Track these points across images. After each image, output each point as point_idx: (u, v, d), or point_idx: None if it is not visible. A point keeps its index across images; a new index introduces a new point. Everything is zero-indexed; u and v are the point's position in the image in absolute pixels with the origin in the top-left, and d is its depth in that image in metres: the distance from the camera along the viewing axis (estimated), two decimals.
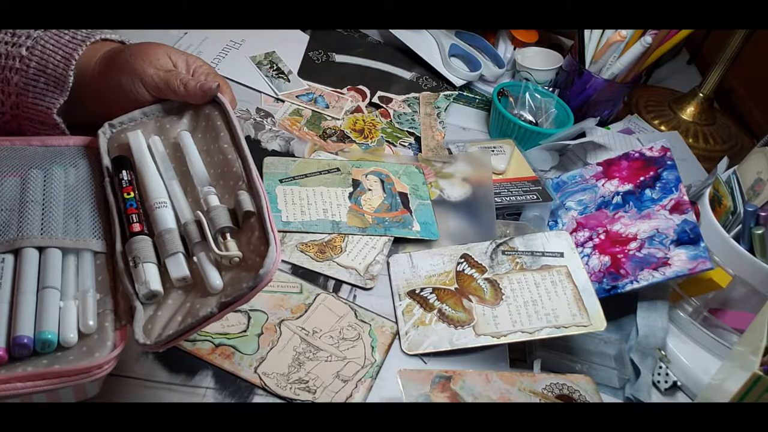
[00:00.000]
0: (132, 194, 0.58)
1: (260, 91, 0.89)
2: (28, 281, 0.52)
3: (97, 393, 0.53)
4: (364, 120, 0.90)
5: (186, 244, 0.55)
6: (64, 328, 0.50)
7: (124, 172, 0.60)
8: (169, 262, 0.54)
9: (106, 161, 0.61)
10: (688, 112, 1.05)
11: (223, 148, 0.61)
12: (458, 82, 1.00)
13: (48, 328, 0.50)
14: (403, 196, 0.79)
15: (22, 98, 0.65)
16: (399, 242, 0.74)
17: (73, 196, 0.60)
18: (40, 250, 0.55)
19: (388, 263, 0.72)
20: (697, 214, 0.74)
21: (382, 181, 0.80)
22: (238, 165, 0.59)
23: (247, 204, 0.56)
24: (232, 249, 0.54)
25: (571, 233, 0.76)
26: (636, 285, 0.70)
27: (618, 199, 0.78)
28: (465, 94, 1.01)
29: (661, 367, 0.68)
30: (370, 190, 0.78)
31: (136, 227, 0.56)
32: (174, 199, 0.59)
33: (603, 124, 0.99)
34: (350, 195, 0.77)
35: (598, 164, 0.83)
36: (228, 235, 0.55)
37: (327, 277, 0.69)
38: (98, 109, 0.66)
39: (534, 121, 0.94)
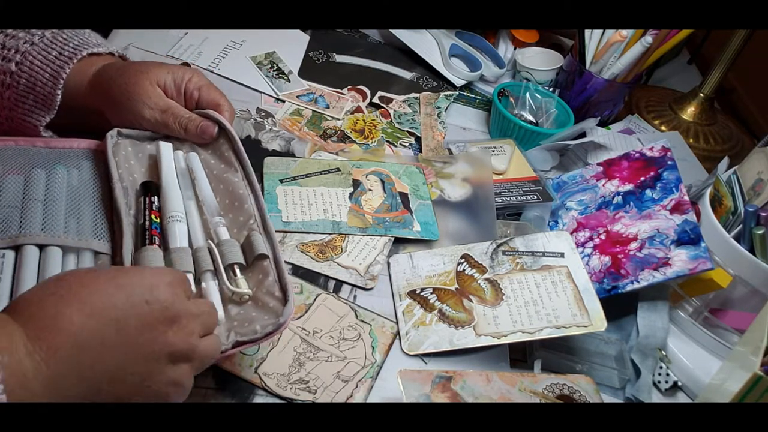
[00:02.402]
0: (158, 219, 0.60)
1: (260, 91, 0.89)
2: (28, 277, 0.53)
3: None
4: (364, 120, 0.90)
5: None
6: None
7: (155, 198, 0.62)
8: None
9: (113, 165, 0.62)
10: (689, 112, 1.05)
11: (234, 182, 0.64)
12: (458, 82, 1.00)
13: None
14: (404, 196, 0.79)
15: (13, 113, 0.65)
16: (399, 242, 0.74)
17: (76, 197, 0.60)
18: (40, 248, 0.55)
19: (388, 263, 0.72)
20: (698, 215, 0.74)
21: (383, 181, 0.80)
22: (251, 203, 0.62)
23: (261, 247, 0.59)
24: (242, 286, 0.57)
25: (571, 233, 0.76)
26: (636, 285, 0.70)
27: (618, 199, 0.78)
28: (465, 94, 1.01)
29: (661, 368, 0.68)
30: (370, 190, 0.78)
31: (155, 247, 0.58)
32: (189, 218, 0.61)
33: (603, 124, 0.99)
34: (350, 195, 0.77)
35: (599, 164, 0.83)
36: (238, 271, 0.58)
37: (327, 278, 0.69)
38: (94, 122, 0.67)
39: (534, 121, 0.94)
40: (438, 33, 1.03)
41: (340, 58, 0.99)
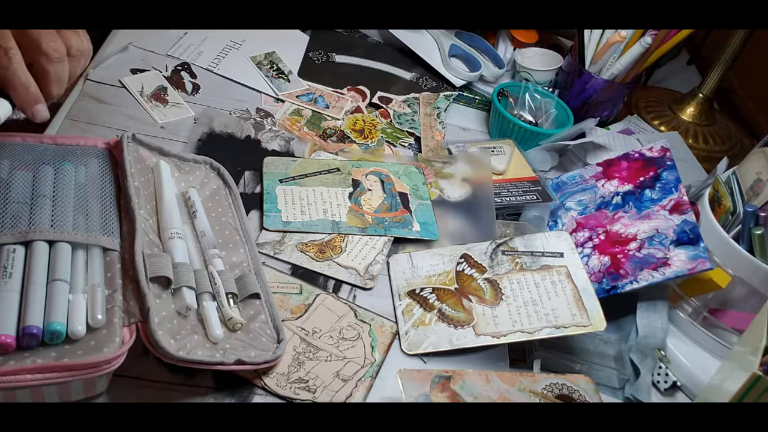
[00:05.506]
0: None
1: (260, 91, 0.89)
2: (38, 273, 0.54)
3: (105, 389, 0.54)
4: (364, 120, 0.90)
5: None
6: (72, 320, 0.52)
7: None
8: (182, 289, 0.58)
9: (128, 164, 0.64)
10: (688, 113, 1.05)
11: (230, 226, 0.67)
12: (458, 83, 1.00)
13: (57, 319, 0.51)
14: (403, 196, 0.79)
15: None
16: (399, 242, 0.74)
17: (83, 194, 0.61)
18: (50, 243, 0.56)
19: (387, 263, 0.72)
20: (697, 215, 0.74)
21: (382, 181, 0.80)
22: (245, 251, 0.65)
23: (255, 286, 0.62)
24: (236, 315, 0.59)
25: (570, 233, 0.76)
26: (636, 285, 0.70)
27: (618, 199, 0.78)
28: (465, 94, 1.01)
29: (660, 368, 0.68)
30: (370, 190, 0.78)
31: None
32: (186, 241, 0.63)
33: (603, 124, 0.99)
34: (350, 195, 0.77)
35: (598, 165, 0.83)
36: (231, 301, 0.60)
37: (327, 278, 0.69)
38: None
39: (534, 122, 0.94)
40: (437, 33, 1.03)
41: (339, 59, 0.99)
